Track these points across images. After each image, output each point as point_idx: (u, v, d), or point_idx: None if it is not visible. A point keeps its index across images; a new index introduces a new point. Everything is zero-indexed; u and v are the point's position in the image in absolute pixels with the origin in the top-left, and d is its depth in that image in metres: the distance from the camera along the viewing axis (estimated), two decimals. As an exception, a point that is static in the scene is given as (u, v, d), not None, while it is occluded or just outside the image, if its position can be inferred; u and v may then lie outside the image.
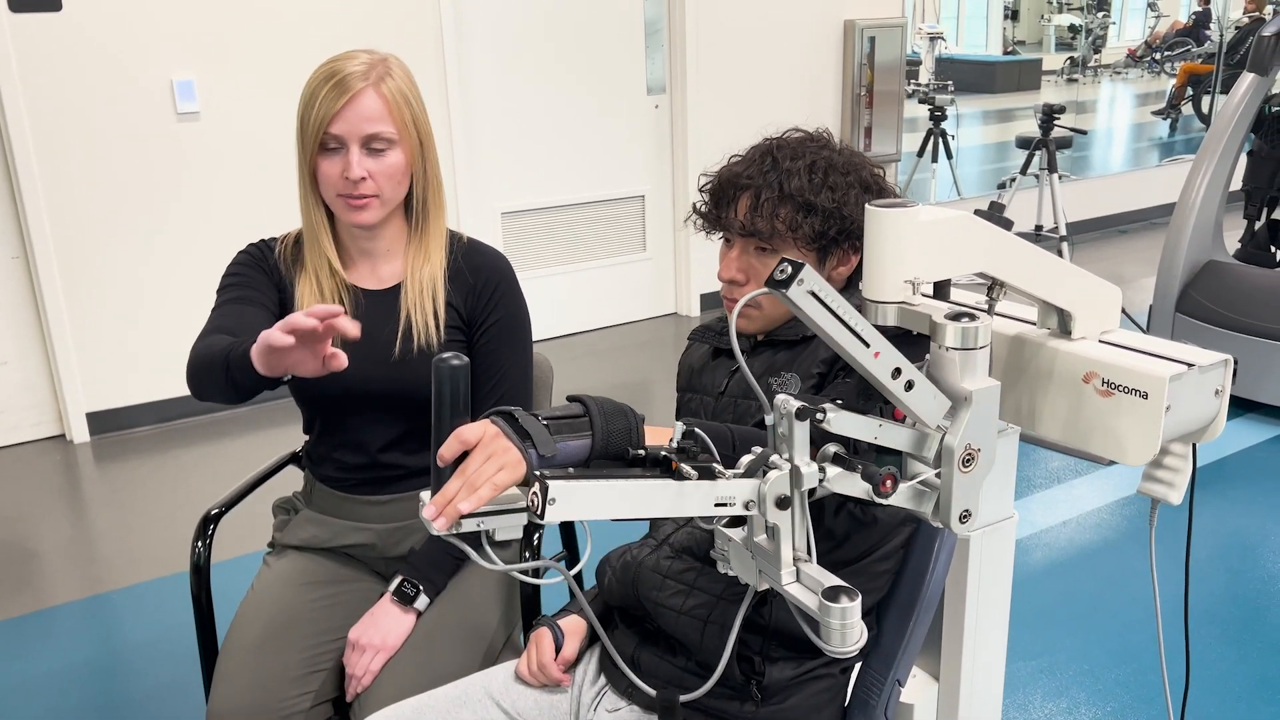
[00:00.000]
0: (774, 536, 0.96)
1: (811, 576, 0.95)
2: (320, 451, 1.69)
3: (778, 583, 0.96)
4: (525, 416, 0.98)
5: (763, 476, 0.95)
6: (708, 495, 0.94)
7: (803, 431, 0.95)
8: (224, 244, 3.95)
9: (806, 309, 0.91)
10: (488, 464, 0.93)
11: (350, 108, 1.48)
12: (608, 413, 1.01)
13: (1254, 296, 3.80)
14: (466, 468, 0.93)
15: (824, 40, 5.32)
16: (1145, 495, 1.43)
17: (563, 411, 1.02)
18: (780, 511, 0.94)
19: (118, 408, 3.99)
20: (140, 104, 3.80)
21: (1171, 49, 8.93)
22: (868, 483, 0.97)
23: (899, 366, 0.97)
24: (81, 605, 2.82)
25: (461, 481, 0.93)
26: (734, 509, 0.95)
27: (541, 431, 0.97)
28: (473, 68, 4.49)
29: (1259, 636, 2.49)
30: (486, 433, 0.95)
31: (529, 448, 0.96)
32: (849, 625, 0.91)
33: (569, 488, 0.90)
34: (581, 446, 0.99)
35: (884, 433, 1.00)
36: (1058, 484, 3.33)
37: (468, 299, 1.62)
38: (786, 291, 0.90)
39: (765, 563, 0.98)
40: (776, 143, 1.38)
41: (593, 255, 5.03)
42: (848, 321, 0.94)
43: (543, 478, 0.89)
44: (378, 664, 1.51)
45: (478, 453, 0.94)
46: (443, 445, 0.95)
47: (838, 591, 0.92)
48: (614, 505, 0.92)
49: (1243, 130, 3.95)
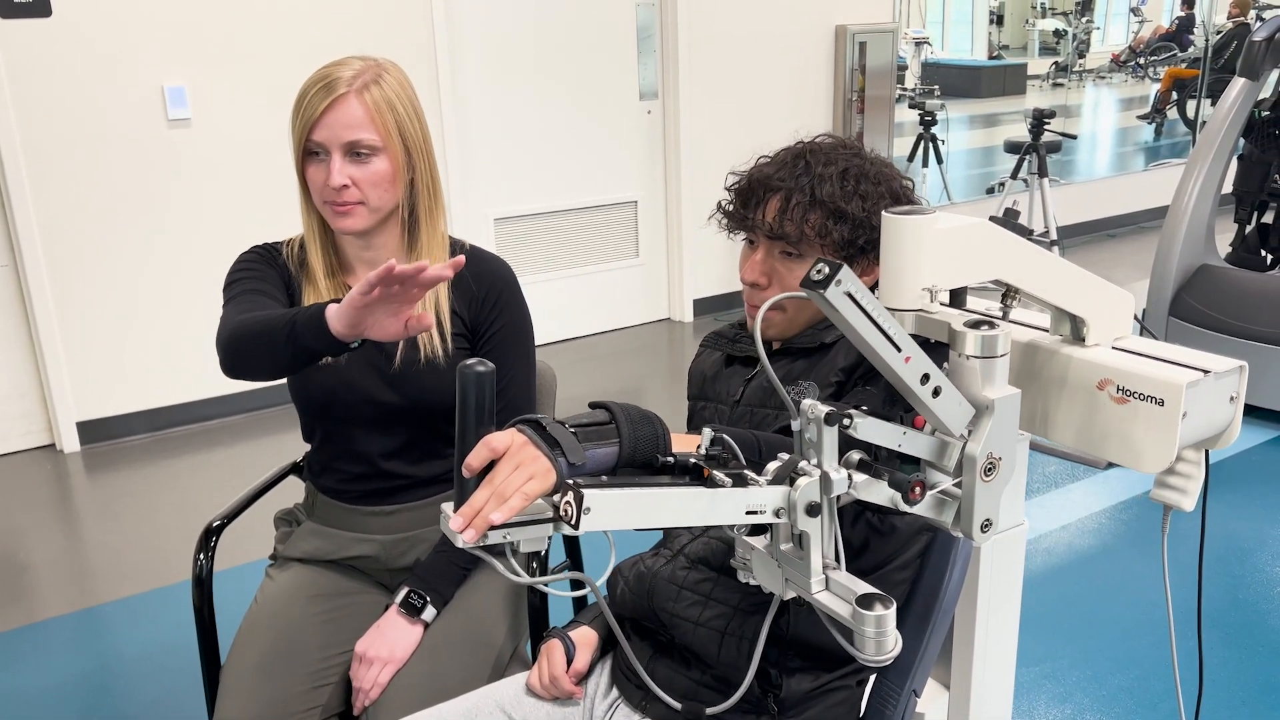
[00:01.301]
0: (803, 544, 0.94)
1: (841, 584, 0.94)
2: (321, 461, 1.67)
3: (807, 591, 0.95)
4: (553, 424, 0.96)
5: (792, 483, 0.94)
6: (739, 503, 0.93)
7: (831, 437, 0.94)
8: (216, 251, 3.96)
9: (843, 310, 0.89)
10: (517, 473, 0.91)
11: (331, 114, 1.47)
12: (634, 419, 0.99)
13: (1246, 300, 3.82)
14: (494, 477, 0.91)
15: (815, 46, 5.33)
16: (1157, 502, 1.42)
17: (588, 419, 1.00)
18: (810, 519, 0.93)
19: (108, 416, 3.96)
20: (131, 110, 3.77)
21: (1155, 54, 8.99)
22: (896, 490, 0.96)
23: (928, 372, 0.96)
24: (74, 618, 2.79)
25: (490, 491, 0.90)
26: (764, 516, 0.93)
27: (570, 439, 0.95)
28: (465, 74, 4.47)
29: (1262, 641, 2.49)
30: (515, 441, 0.93)
31: (558, 456, 0.93)
32: (884, 633, 0.90)
33: (604, 496, 0.88)
34: (609, 454, 0.97)
35: (908, 440, 0.99)
36: (1055, 488, 3.33)
37: (471, 306, 1.61)
38: (824, 292, 0.88)
39: (793, 571, 0.97)
40: (809, 147, 1.36)
41: (586, 261, 5.02)
42: (882, 325, 0.92)
43: (577, 486, 0.87)
44: (385, 676, 1.50)
45: (506, 461, 0.92)
46: (470, 454, 0.92)
47: (872, 599, 0.91)
48: (648, 514, 0.90)
49: (1234, 135, 3.98)
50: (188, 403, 4.06)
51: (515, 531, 0.91)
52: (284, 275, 1.62)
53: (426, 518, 1.65)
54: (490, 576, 1.64)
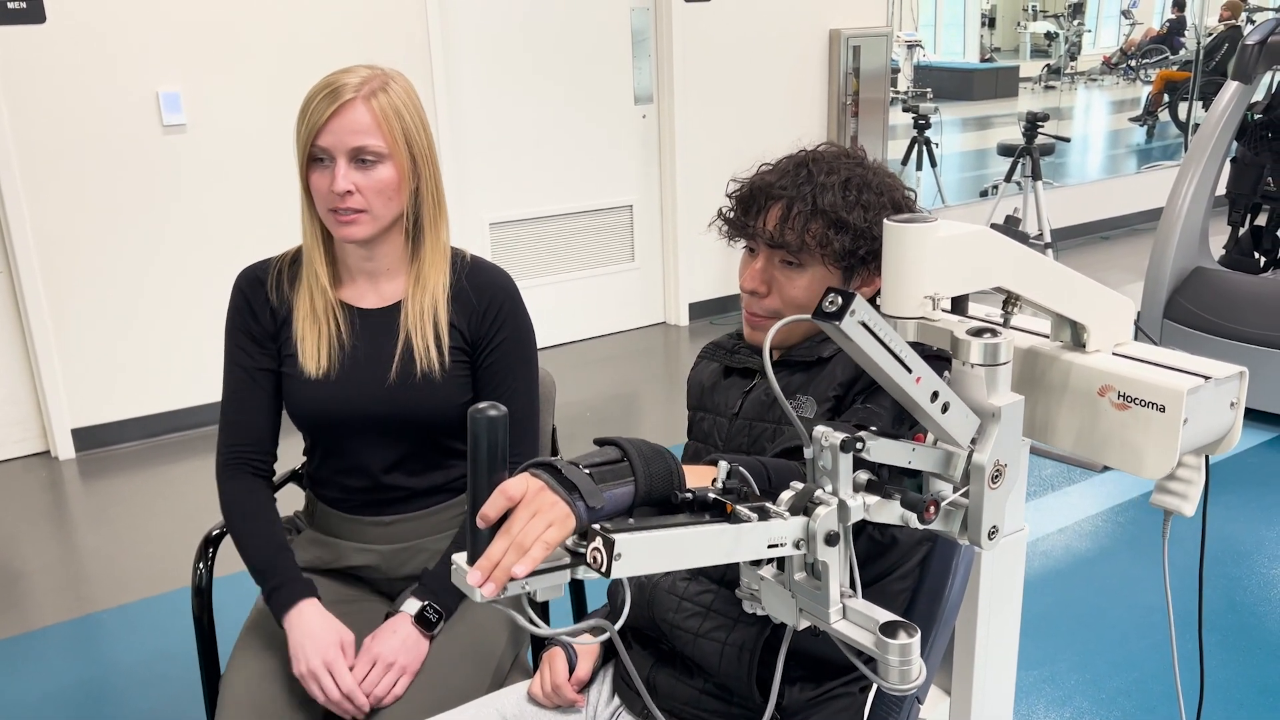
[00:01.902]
0: (821, 574, 0.92)
1: (859, 611, 0.92)
2: (323, 475, 1.66)
3: (824, 621, 0.93)
4: (568, 467, 0.92)
5: (809, 513, 0.92)
6: (761, 537, 0.90)
7: (847, 464, 0.92)
8: (211, 257, 3.95)
9: (858, 340, 0.88)
10: (535, 520, 0.87)
11: (337, 119, 1.46)
12: (646, 456, 0.96)
13: (1240, 303, 3.83)
14: (511, 526, 0.87)
15: (810, 50, 5.34)
16: (1158, 507, 1.42)
17: (600, 457, 0.96)
18: (829, 548, 0.91)
19: (104, 423, 3.94)
20: (125, 116, 3.76)
21: (1146, 56, 9.02)
22: (910, 510, 0.94)
23: (937, 390, 0.95)
24: (71, 626, 2.78)
25: (508, 541, 0.86)
26: (785, 549, 0.91)
27: (587, 481, 0.91)
28: (460, 79, 4.47)
29: (1259, 644, 2.50)
30: (530, 487, 0.89)
31: (576, 500, 0.89)
32: (909, 662, 0.88)
33: (633, 540, 0.84)
34: (625, 494, 0.94)
35: (917, 457, 0.99)
36: (1052, 491, 3.34)
37: (471, 320, 1.60)
38: (840, 324, 0.86)
39: (808, 601, 0.94)
40: (811, 155, 1.35)
41: (581, 265, 5.02)
42: (894, 349, 0.91)
43: (605, 531, 0.84)
44: (403, 687, 1.48)
45: (522, 509, 0.87)
46: (485, 504, 0.88)
47: (895, 627, 0.89)
48: (676, 556, 0.88)
49: (1227, 137, 3.99)
50: (183, 409, 4.05)
51: (533, 580, 0.87)
52: (264, 313, 1.60)
53: (427, 527, 1.64)
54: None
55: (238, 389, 1.62)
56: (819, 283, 1.33)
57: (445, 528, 1.65)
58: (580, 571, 0.90)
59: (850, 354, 0.92)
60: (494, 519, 0.88)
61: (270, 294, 1.61)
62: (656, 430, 4.05)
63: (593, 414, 4.17)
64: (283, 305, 1.60)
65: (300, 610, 1.51)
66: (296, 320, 1.58)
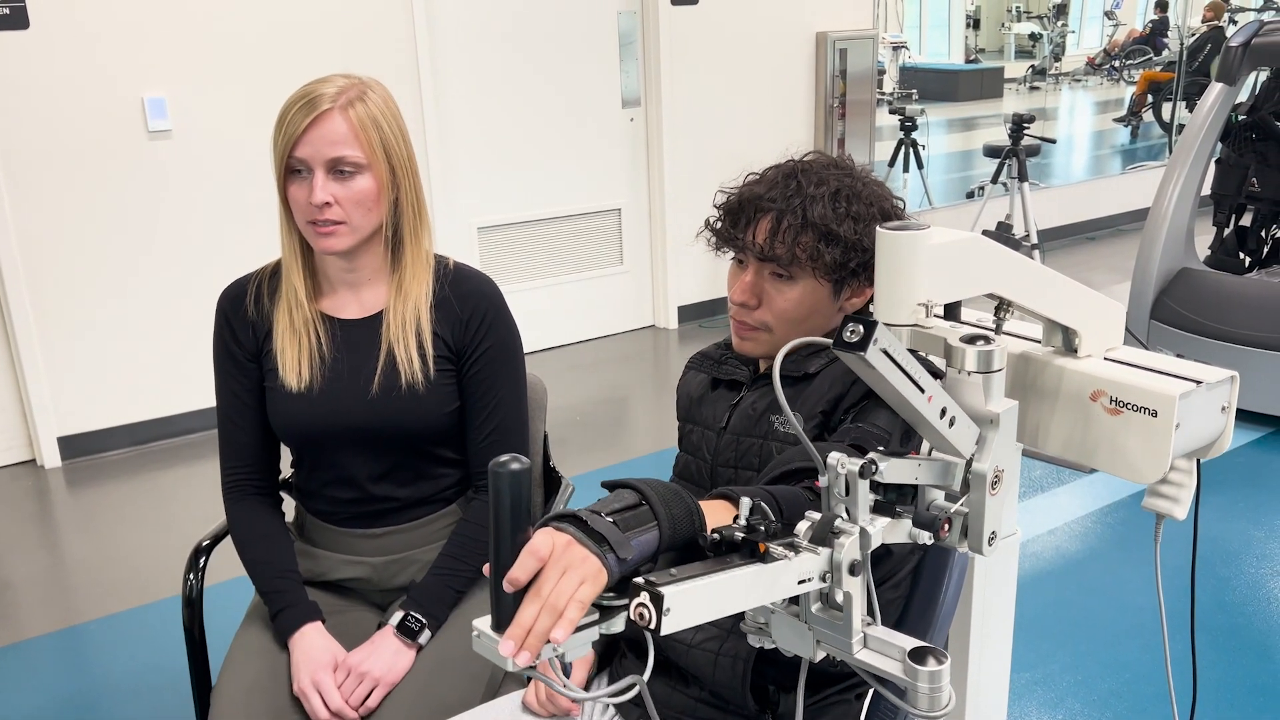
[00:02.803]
0: (844, 604, 0.89)
1: (880, 639, 0.91)
2: (311, 488, 1.65)
3: (846, 652, 0.90)
4: (591, 516, 0.88)
5: (832, 544, 0.89)
6: (793, 575, 0.87)
7: (865, 490, 0.90)
8: (198, 263, 3.93)
9: (880, 369, 0.87)
10: (566, 579, 0.82)
11: (314, 130, 1.45)
12: (666, 499, 0.92)
13: (1227, 303, 3.85)
14: (541, 587, 0.82)
15: (796, 52, 5.34)
16: (1150, 511, 1.43)
17: (619, 503, 0.91)
18: (853, 578, 0.89)
19: (90, 431, 3.92)
20: (111, 122, 3.74)
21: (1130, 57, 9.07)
22: (925, 530, 0.93)
23: (945, 406, 0.95)
24: (58, 637, 2.75)
25: (539, 604, 0.81)
26: (813, 583, 0.88)
27: (614, 531, 0.87)
28: (448, 82, 4.46)
29: (1248, 644, 2.51)
30: (557, 543, 0.84)
31: (606, 552, 0.85)
32: (939, 689, 0.86)
33: (681, 593, 0.79)
34: (650, 540, 0.89)
35: (921, 472, 0.99)
36: (1040, 493, 3.35)
37: (455, 329, 1.58)
38: (864, 354, 0.85)
39: (827, 632, 0.91)
40: (800, 166, 1.34)
41: (570, 269, 5.02)
42: (911, 373, 0.90)
43: (652, 585, 0.79)
44: (376, 699, 1.48)
45: (551, 567, 0.83)
46: (512, 567, 0.82)
47: (924, 653, 0.87)
48: (721, 603, 0.83)
49: (1212, 139, 4.02)
50: (170, 416, 4.03)
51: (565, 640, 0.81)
52: (245, 329, 1.59)
53: (417, 539, 1.63)
54: (483, 593, 1.63)
55: (229, 413, 1.62)
56: (809, 295, 1.33)
57: (437, 538, 1.64)
58: (611, 625, 0.86)
59: (866, 380, 0.91)
60: (524, 582, 0.83)
61: (250, 309, 1.60)
62: (646, 435, 4.05)
63: (582, 419, 4.16)
64: (263, 320, 1.59)
65: (303, 633, 1.52)
66: (277, 334, 1.57)
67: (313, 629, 1.52)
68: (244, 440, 1.62)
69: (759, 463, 1.35)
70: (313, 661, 1.48)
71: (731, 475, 1.38)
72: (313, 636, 1.51)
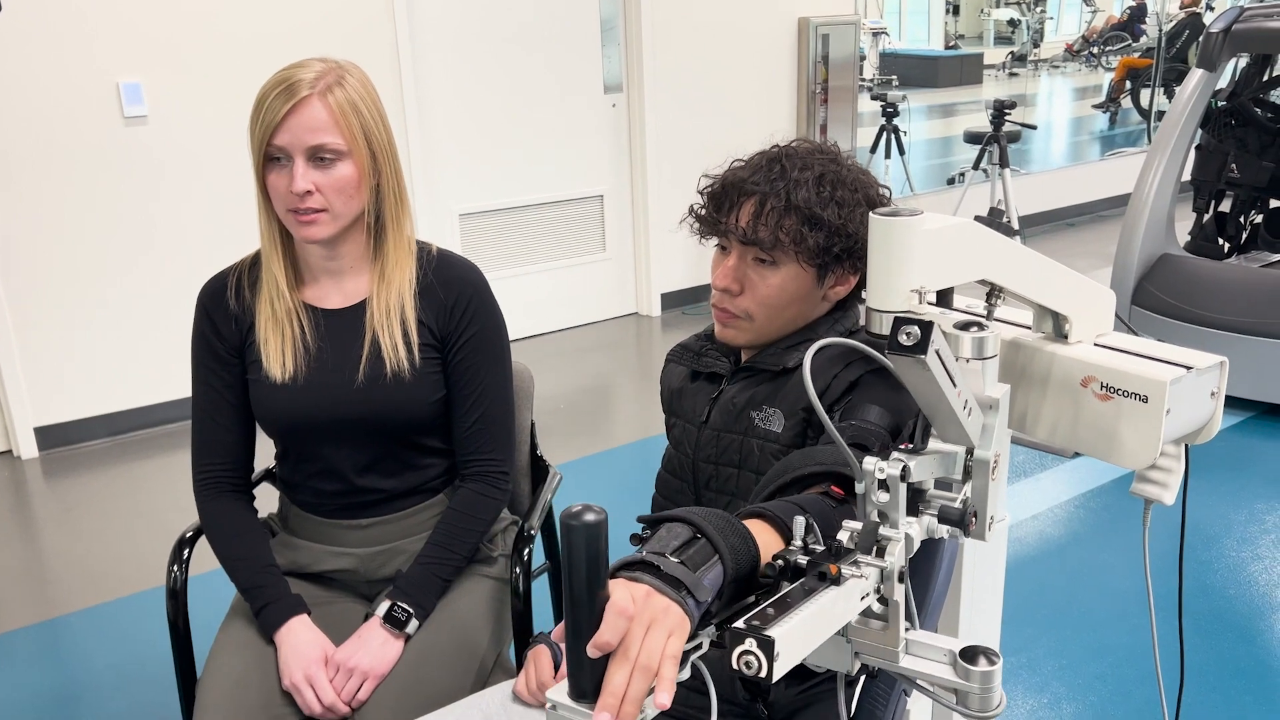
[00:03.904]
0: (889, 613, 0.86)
1: (921, 643, 0.88)
2: (296, 479, 1.63)
3: (891, 661, 0.87)
4: (663, 560, 0.81)
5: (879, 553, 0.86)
6: (855, 594, 0.83)
7: (903, 493, 0.87)
8: (175, 251, 3.88)
9: (935, 371, 0.84)
10: (653, 634, 0.76)
11: (294, 117, 1.42)
12: (723, 530, 0.87)
13: (1206, 289, 3.88)
14: (628, 648, 0.75)
15: (779, 38, 5.33)
16: (1138, 496, 1.43)
17: (677, 540, 0.85)
18: (899, 585, 0.86)
19: (67, 421, 3.87)
20: (85, 108, 3.68)
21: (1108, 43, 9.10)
22: (955, 525, 0.91)
23: (967, 398, 0.94)
24: (37, 630, 2.72)
25: (629, 666, 0.75)
26: (871, 598, 0.84)
27: (688, 575, 0.81)
28: (428, 67, 4.42)
29: (1230, 626, 2.53)
30: (635, 596, 0.78)
31: (686, 598, 0.79)
32: (991, 688, 0.84)
33: (786, 634, 0.74)
34: (717, 576, 0.84)
35: (935, 465, 0.98)
36: (1024, 478, 3.37)
37: (439, 316, 1.57)
38: (924, 357, 0.82)
39: (867, 642, 0.88)
40: (784, 151, 1.33)
41: (552, 256, 4.99)
42: (952, 371, 0.88)
43: (757, 630, 0.74)
44: (366, 693, 1.47)
45: (636, 625, 0.76)
46: (600, 631, 0.75)
47: (975, 653, 0.84)
48: (816, 635, 0.79)
49: (1193, 125, 4.03)
50: (148, 406, 3.99)
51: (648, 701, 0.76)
52: (227, 323, 1.57)
53: (404, 529, 1.62)
54: (471, 583, 1.62)
55: (207, 409, 1.59)
56: (792, 281, 1.32)
57: (423, 529, 1.62)
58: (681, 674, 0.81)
59: (908, 381, 0.88)
60: (615, 644, 0.76)
61: (231, 302, 1.57)
62: (630, 423, 4.04)
63: (565, 406, 4.15)
64: (245, 312, 1.57)
65: (290, 627, 1.50)
66: (259, 325, 1.54)
67: (299, 623, 1.51)
68: (221, 437, 1.60)
69: (739, 459, 1.34)
70: (303, 656, 1.47)
71: (712, 471, 1.38)
72: (300, 630, 1.50)
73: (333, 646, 1.50)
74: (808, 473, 1.12)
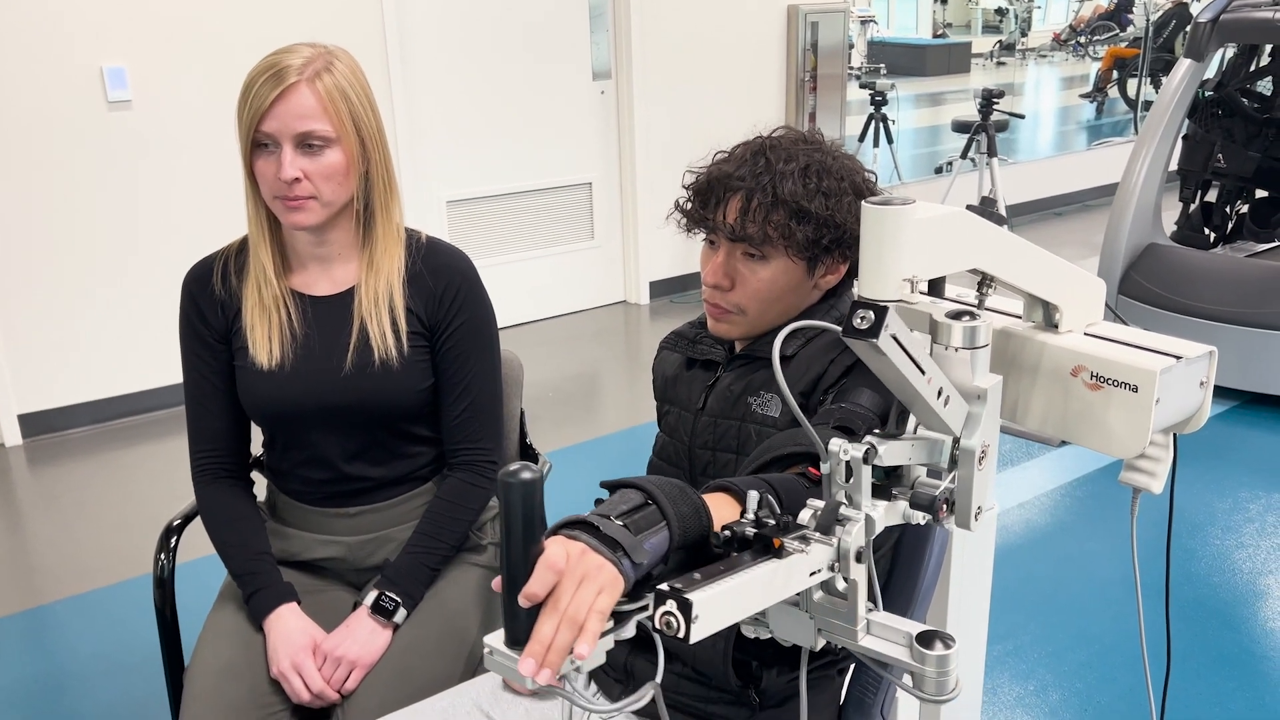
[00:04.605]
0: (849, 592, 0.88)
1: (883, 624, 0.89)
2: (283, 467, 1.62)
3: (849, 640, 0.88)
4: (603, 521, 0.84)
5: (837, 532, 0.87)
6: (805, 567, 0.85)
7: (868, 475, 0.89)
8: (160, 237, 3.85)
9: (891, 355, 0.85)
10: (584, 590, 0.79)
11: (282, 104, 1.40)
12: (673, 497, 0.89)
13: (1192, 278, 3.90)
14: (559, 600, 0.79)
15: (768, 26, 5.32)
16: (1127, 485, 1.44)
17: (625, 504, 0.88)
18: (859, 565, 0.87)
19: (51, 409, 3.84)
20: (68, 92, 3.64)
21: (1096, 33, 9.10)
22: (924, 511, 0.92)
23: (941, 385, 0.94)
24: (22, 618, 2.71)
25: (558, 618, 0.78)
26: (823, 574, 0.86)
27: (626, 536, 0.84)
28: (416, 53, 4.39)
29: (1213, 614, 2.55)
30: (570, 552, 0.81)
31: (622, 558, 0.82)
32: (946, 672, 0.85)
33: (708, 598, 0.77)
34: (661, 541, 0.86)
35: (914, 451, 0.98)
36: (1010, 466, 3.38)
37: (428, 304, 1.56)
38: (876, 341, 0.83)
39: (829, 620, 0.90)
40: (769, 142, 1.32)
41: (540, 244, 4.98)
42: (917, 358, 0.89)
43: (678, 593, 0.77)
44: (354, 683, 1.47)
45: (567, 579, 0.80)
46: (529, 582, 0.79)
47: (932, 637, 0.86)
48: (743, 605, 0.81)
49: (1180, 115, 4.05)
50: (134, 393, 3.96)
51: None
52: (213, 310, 1.56)
53: (392, 518, 1.61)
54: (460, 571, 1.61)
55: (197, 395, 1.58)
56: (783, 274, 1.32)
57: (412, 517, 1.62)
58: (622, 632, 0.84)
59: (871, 365, 0.89)
60: (543, 596, 0.79)
61: (217, 288, 1.56)
62: (619, 410, 4.04)
63: (554, 395, 4.14)
64: (232, 298, 1.55)
65: (279, 614, 1.50)
66: (246, 311, 1.53)
67: (288, 610, 1.50)
68: (213, 423, 1.59)
69: (737, 445, 1.34)
70: (291, 644, 1.46)
71: (709, 457, 1.38)
72: (289, 618, 1.49)
73: (322, 634, 1.50)
74: (787, 453, 1.12)
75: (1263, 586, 2.67)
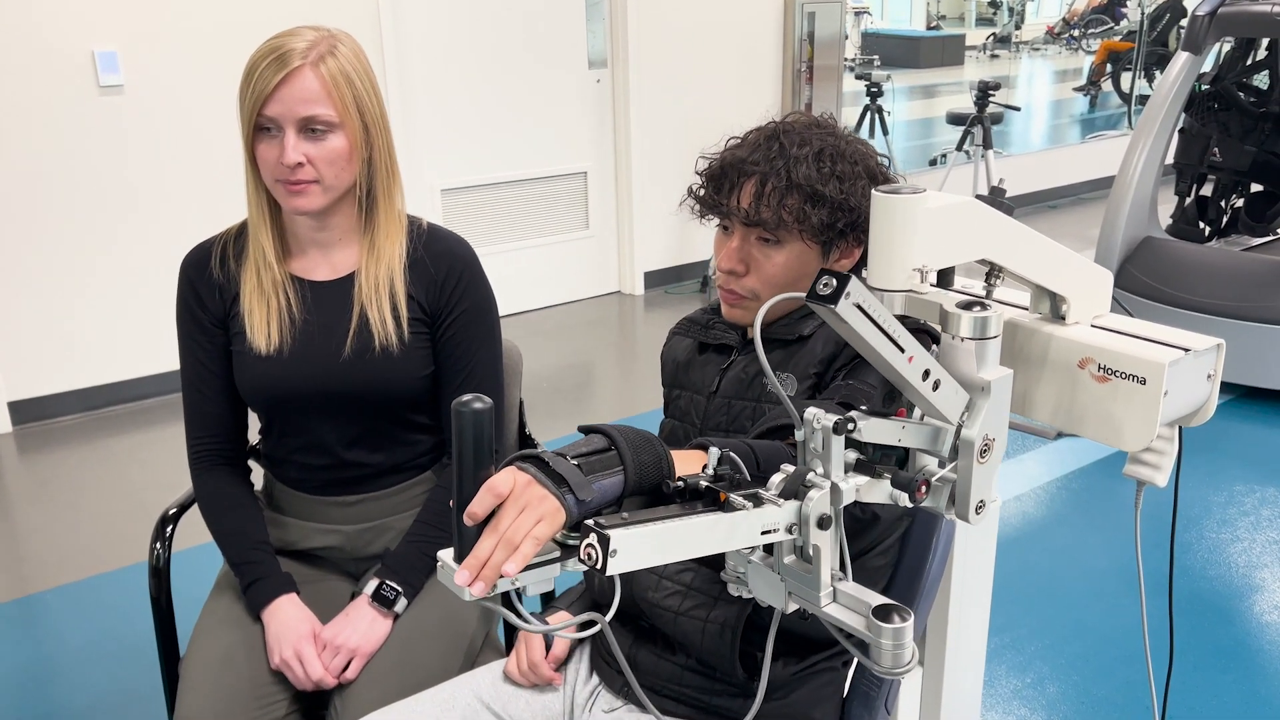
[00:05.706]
0: (813, 558, 0.90)
1: (849, 595, 0.91)
2: (280, 454, 1.61)
3: (815, 605, 0.91)
4: (555, 459, 0.90)
5: (802, 497, 0.90)
6: (755, 525, 0.88)
7: (839, 446, 0.90)
8: (152, 223, 3.82)
9: (852, 322, 0.87)
10: (524, 516, 0.85)
11: (285, 87, 1.39)
12: (635, 444, 0.93)
13: (1188, 272, 3.90)
14: (499, 523, 0.85)
15: (764, 16, 5.30)
16: (1131, 478, 1.43)
17: (587, 447, 0.93)
18: (821, 532, 0.89)
19: (41, 396, 3.82)
20: (59, 76, 3.61)
21: (1089, 26, 9.10)
22: (902, 490, 0.93)
23: (929, 368, 0.94)
24: (13, 607, 2.69)
25: (496, 539, 0.84)
26: (778, 535, 0.89)
27: (575, 474, 0.89)
28: (410, 41, 4.36)
29: (1209, 607, 2.55)
30: (518, 481, 0.87)
31: (565, 493, 0.87)
32: (902, 645, 0.87)
33: (628, 536, 0.82)
34: (615, 484, 0.91)
35: (905, 434, 0.97)
36: (1007, 459, 3.38)
37: (429, 290, 1.54)
38: (835, 307, 0.85)
39: (797, 584, 0.92)
40: (782, 127, 1.32)
41: (535, 233, 4.96)
42: (887, 329, 0.89)
43: (599, 528, 0.82)
44: (354, 671, 1.45)
45: (510, 505, 0.85)
46: (471, 502, 0.86)
47: (889, 610, 0.87)
48: (672, 549, 0.85)
49: (1177, 108, 4.04)
50: (124, 380, 3.93)
51: (523, 576, 0.85)
52: (212, 295, 1.54)
53: (393, 505, 1.60)
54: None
55: (194, 381, 1.57)
56: (797, 259, 1.31)
57: (411, 506, 1.60)
58: (571, 565, 0.89)
59: (843, 335, 0.90)
60: (482, 517, 0.86)
61: (215, 272, 1.54)
62: (614, 400, 4.03)
63: (549, 384, 4.13)
64: (230, 283, 1.54)
65: (278, 604, 1.48)
66: (244, 295, 1.52)
67: (287, 600, 1.49)
68: (210, 409, 1.57)
69: (751, 426, 1.34)
70: (292, 631, 1.45)
71: (721, 439, 1.37)
72: (288, 608, 1.48)
73: (320, 624, 1.48)
74: (780, 424, 1.12)
75: (1258, 580, 2.67)
